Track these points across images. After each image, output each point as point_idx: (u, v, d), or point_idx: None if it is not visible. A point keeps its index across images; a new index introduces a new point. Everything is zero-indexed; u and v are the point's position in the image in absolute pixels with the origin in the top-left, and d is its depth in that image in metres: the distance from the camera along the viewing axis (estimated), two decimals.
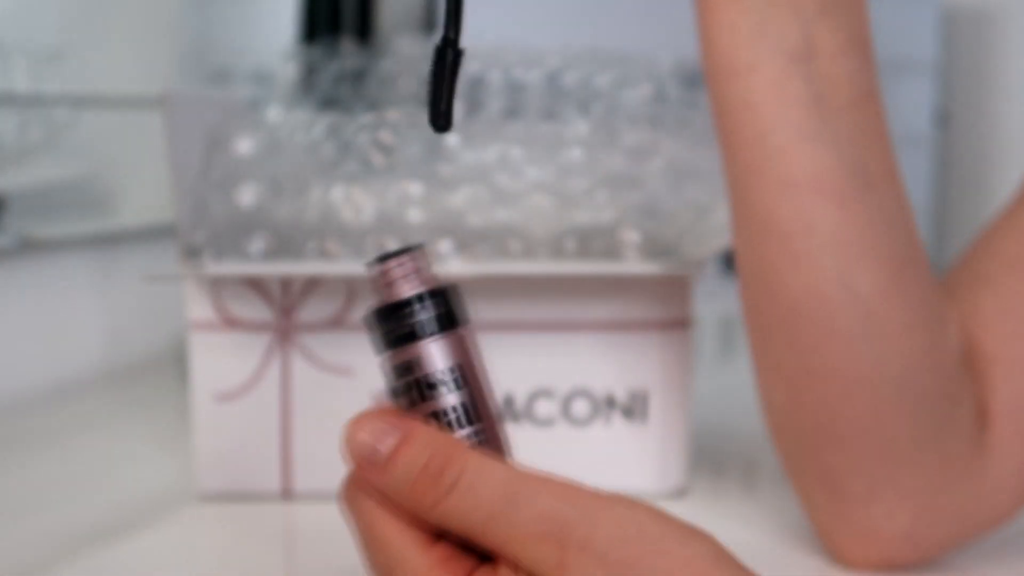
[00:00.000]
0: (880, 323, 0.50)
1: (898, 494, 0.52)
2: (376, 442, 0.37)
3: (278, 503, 0.64)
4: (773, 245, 0.50)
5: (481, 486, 0.36)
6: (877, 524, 0.52)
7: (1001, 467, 0.53)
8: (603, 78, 0.76)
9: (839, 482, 0.52)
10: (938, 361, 0.51)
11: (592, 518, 0.35)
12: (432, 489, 0.36)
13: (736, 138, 0.49)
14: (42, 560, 0.55)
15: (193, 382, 0.63)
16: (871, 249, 0.49)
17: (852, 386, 0.50)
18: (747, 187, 0.50)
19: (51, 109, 0.91)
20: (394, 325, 0.38)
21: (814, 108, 0.48)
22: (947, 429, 0.52)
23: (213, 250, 0.65)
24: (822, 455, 0.52)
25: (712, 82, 0.49)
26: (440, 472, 0.36)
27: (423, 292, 0.38)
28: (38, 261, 0.88)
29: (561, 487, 0.36)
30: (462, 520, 0.36)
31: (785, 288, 0.50)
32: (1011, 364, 0.53)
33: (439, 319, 0.38)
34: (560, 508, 0.35)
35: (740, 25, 0.47)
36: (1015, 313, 0.53)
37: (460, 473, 0.36)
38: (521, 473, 0.36)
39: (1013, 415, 0.53)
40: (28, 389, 0.87)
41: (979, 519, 0.54)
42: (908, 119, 1.43)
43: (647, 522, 0.35)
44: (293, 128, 0.69)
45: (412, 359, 0.38)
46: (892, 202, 0.50)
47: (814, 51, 0.47)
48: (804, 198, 0.48)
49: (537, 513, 0.35)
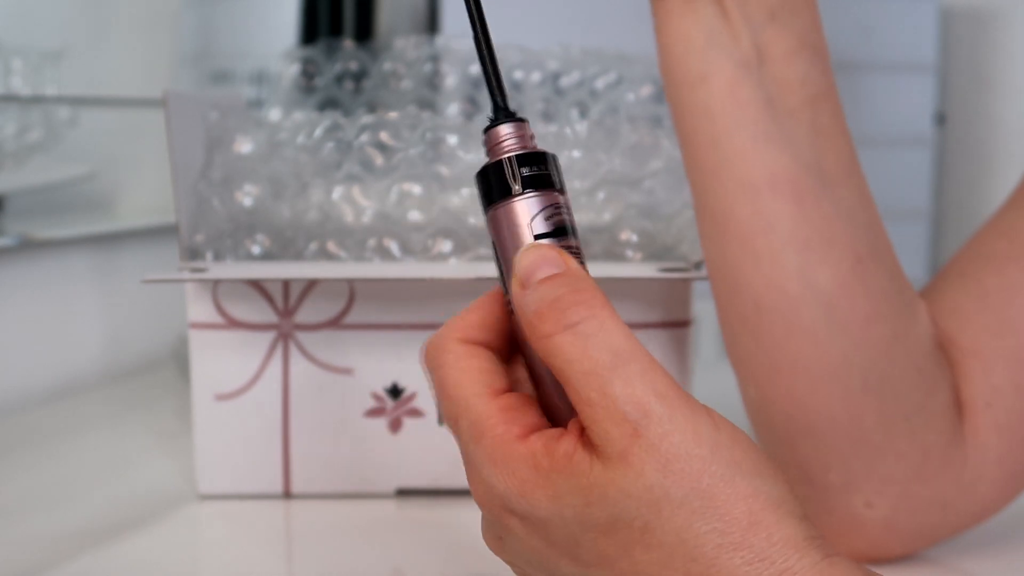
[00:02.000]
0: (843, 316, 0.51)
1: (875, 483, 0.53)
2: (537, 266, 0.38)
3: (278, 503, 0.64)
4: (734, 244, 0.51)
5: (597, 339, 0.36)
6: (857, 513, 0.53)
7: (981, 458, 0.53)
8: (603, 79, 0.76)
9: (816, 473, 0.53)
10: (905, 351, 0.52)
11: (673, 422, 0.35)
12: (553, 319, 0.37)
13: (694, 143, 0.51)
14: (42, 560, 0.55)
15: (193, 382, 0.63)
16: (830, 244, 0.50)
17: (818, 378, 0.51)
18: (707, 189, 0.51)
19: (51, 109, 0.91)
20: (536, 172, 0.40)
21: (767, 111, 0.49)
22: (921, 418, 0.52)
23: (213, 250, 0.65)
24: (797, 447, 0.53)
25: (669, 90, 0.51)
26: (568, 308, 0.36)
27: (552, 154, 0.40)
28: (38, 261, 0.88)
29: (663, 380, 0.36)
30: (564, 362, 0.36)
31: (748, 286, 0.51)
32: (989, 357, 0.54)
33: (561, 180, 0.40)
34: (651, 401, 0.35)
35: (693, 36, 0.49)
36: (993, 307, 0.54)
37: (585, 318, 0.36)
38: (637, 348, 0.36)
39: (991, 407, 0.53)
40: (28, 389, 0.87)
41: (962, 510, 0.54)
42: (907, 119, 1.43)
43: (726, 446, 0.36)
44: (293, 129, 0.69)
45: (556, 202, 0.40)
46: (851, 197, 0.51)
47: (764, 57, 0.49)
48: (762, 198, 0.50)
49: (630, 394, 0.35)
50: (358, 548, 0.58)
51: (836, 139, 0.51)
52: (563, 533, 0.37)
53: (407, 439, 0.64)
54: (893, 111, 1.42)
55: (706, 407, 0.37)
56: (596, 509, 0.36)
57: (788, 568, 0.35)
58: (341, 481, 0.64)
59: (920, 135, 1.44)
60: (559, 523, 0.37)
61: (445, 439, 0.64)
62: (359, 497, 0.64)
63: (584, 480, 0.36)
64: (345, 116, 0.69)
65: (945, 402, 0.53)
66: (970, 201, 1.56)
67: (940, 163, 1.52)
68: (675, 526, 0.35)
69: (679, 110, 0.51)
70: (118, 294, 0.96)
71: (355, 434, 0.64)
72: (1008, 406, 0.53)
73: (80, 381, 0.92)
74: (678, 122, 0.52)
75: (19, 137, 0.89)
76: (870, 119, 1.42)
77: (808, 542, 0.35)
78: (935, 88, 1.43)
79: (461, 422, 0.39)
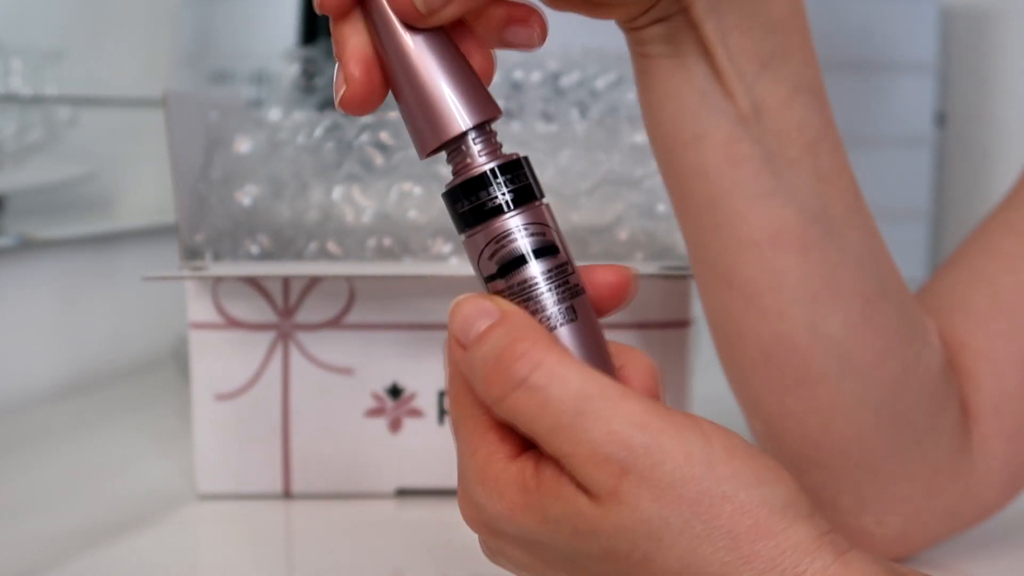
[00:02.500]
0: (854, 360, 0.49)
1: (887, 504, 0.52)
2: (471, 322, 0.36)
3: (278, 503, 0.64)
4: (738, 300, 0.49)
5: (551, 390, 0.34)
6: (869, 530, 0.53)
7: (987, 463, 0.53)
8: (603, 79, 0.76)
9: (825, 497, 0.52)
10: (917, 380, 0.51)
11: (660, 450, 0.34)
12: (500, 381, 0.35)
13: (689, 203, 0.48)
14: (42, 560, 0.55)
15: (193, 382, 0.63)
16: (838, 292, 0.48)
17: (831, 419, 0.50)
18: (706, 246, 0.49)
19: (51, 109, 0.91)
20: (475, 202, 0.37)
21: (766, 166, 0.47)
22: (931, 439, 0.52)
23: (213, 250, 0.65)
24: (807, 477, 0.52)
25: (659, 150, 0.48)
26: (512, 363, 0.34)
27: (496, 167, 0.37)
28: (38, 261, 0.88)
29: (637, 409, 0.34)
30: (527, 422, 0.34)
31: (755, 339, 0.49)
32: (999, 361, 0.53)
33: (517, 192, 0.37)
34: (630, 434, 0.34)
35: (684, 95, 0.46)
36: (1007, 309, 0.53)
37: (532, 369, 0.34)
38: (598, 383, 0.34)
39: (998, 412, 0.53)
40: (28, 389, 0.87)
41: (968, 514, 0.54)
42: (907, 119, 1.43)
43: (720, 460, 0.34)
44: (293, 129, 0.69)
45: (498, 233, 0.37)
46: (857, 239, 0.49)
47: (760, 110, 0.46)
48: (766, 254, 0.47)
49: (604, 434, 0.34)
50: (358, 548, 0.58)
51: (839, 180, 0.49)
52: (558, 555, 0.36)
53: (407, 439, 0.64)
54: (893, 111, 1.42)
55: (693, 419, 0.35)
56: (588, 541, 0.35)
57: (799, 574, 0.34)
58: (341, 481, 0.64)
59: (920, 135, 1.43)
60: (552, 546, 0.35)
61: (445, 439, 0.64)
62: (359, 497, 0.64)
63: (572, 509, 0.34)
64: (345, 116, 0.69)
65: (954, 419, 0.52)
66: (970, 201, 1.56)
67: (940, 163, 1.52)
68: (678, 554, 0.34)
69: (670, 169, 0.48)
70: (118, 294, 0.96)
71: (355, 434, 0.64)
72: (1017, 410, 0.53)
73: (80, 381, 0.92)
74: (669, 181, 0.49)
75: (19, 137, 0.89)
76: (870, 119, 1.41)
77: (819, 542, 0.34)
78: (935, 88, 1.43)
79: (459, 433, 0.37)
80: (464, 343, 0.36)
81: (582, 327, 0.37)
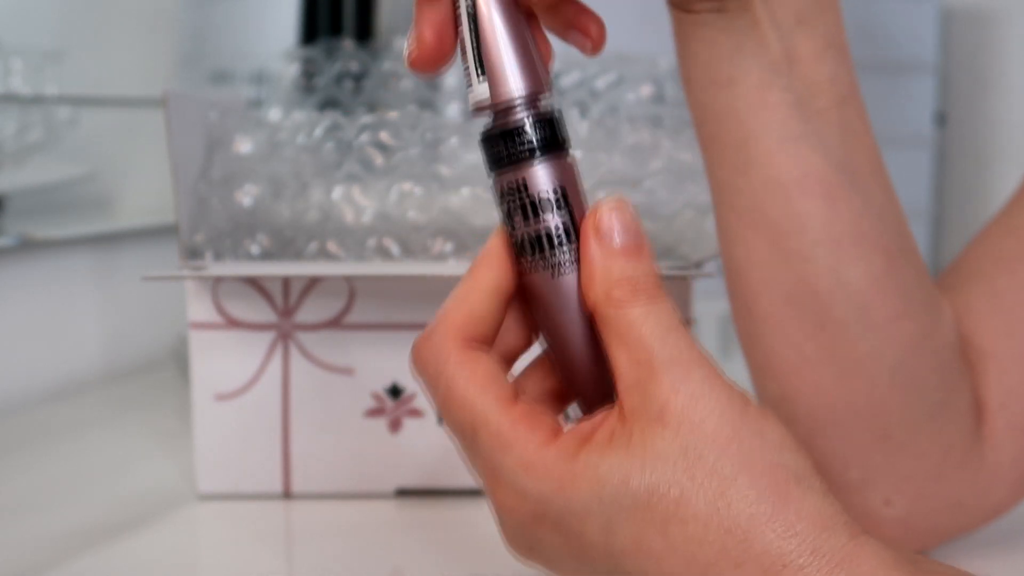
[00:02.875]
0: (874, 312, 0.50)
1: (895, 481, 0.52)
2: (619, 230, 0.39)
3: (278, 503, 0.64)
4: (763, 243, 0.50)
5: (656, 327, 0.37)
6: (875, 510, 0.53)
7: (997, 459, 0.53)
8: (603, 78, 0.76)
9: (836, 470, 0.53)
10: (933, 349, 0.52)
11: (710, 386, 0.37)
12: (632, 292, 0.38)
13: (720, 143, 0.50)
14: (42, 560, 0.55)
15: (193, 382, 0.63)
16: (863, 241, 0.50)
17: (846, 370, 0.51)
18: (734, 189, 0.50)
19: (51, 109, 0.91)
20: (506, 148, 0.39)
21: (796, 111, 0.49)
22: (944, 417, 0.52)
23: (213, 250, 0.65)
24: (817, 442, 0.52)
25: (692, 93, 0.50)
26: (643, 290, 0.38)
27: (532, 117, 0.39)
28: (38, 261, 0.88)
29: (704, 359, 0.37)
30: (627, 325, 0.38)
31: (778, 284, 0.50)
32: (1004, 359, 0.53)
33: (545, 142, 0.39)
34: (693, 368, 0.37)
35: (720, 42, 0.48)
36: (1008, 309, 0.54)
37: (654, 302, 0.38)
38: (689, 337, 0.38)
39: (1006, 409, 0.53)
40: (28, 389, 0.87)
41: (976, 511, 0.54)
42: (908, 119, 1.43)
43: (753, 416, 0.36)
44: (293, 129, 0.69)
45: (521, 180, 0.39)
46: (880, 195, 0.51)
47: (793, 59, 0.49)
48: (792, 196, 0.49)
49: (675, 356, 0.37)
50: (358, 548, 0.58)
51: (864, 138, 0.51)
52: (598, 523, 0.36)
53: (407, 439, 0.64)
54: (893, 111, 1.42)
55: (741, 389, 0.38)
56: (635, 480, 0.36)
57: (818, 548, 0.34)
58: (341, 481, 0.64)
59: (920, 135, 1.43)
60: (596, 510, 0.36)
61: (445, 439, 0.64)
62: (359, 497, 0.64)
63: (624, 452, 0.36)
64: (345, 116, 0.69)
65: (967, 402, 0.53)
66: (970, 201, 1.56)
67: (940, 163, 1.52)
68: (708, 494, 0.35)
69: (703, 112, 0.50)
70: (118, 294, 0.96)
71: (355, 434, 0.64)
72: (1022, 408, 0.53)
73: (80, 381, 0.92)
74: (701, 124, 0.51)
75: (19, 137, 0.89)
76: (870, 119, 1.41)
77: (834, 520, 0.35)
78: (935, 88, 1.43)
79: (480, 433, 0.38)
80: (604, 237, 0.39)
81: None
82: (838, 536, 0.35)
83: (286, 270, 0.62)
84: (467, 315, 0.40)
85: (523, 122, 0.39)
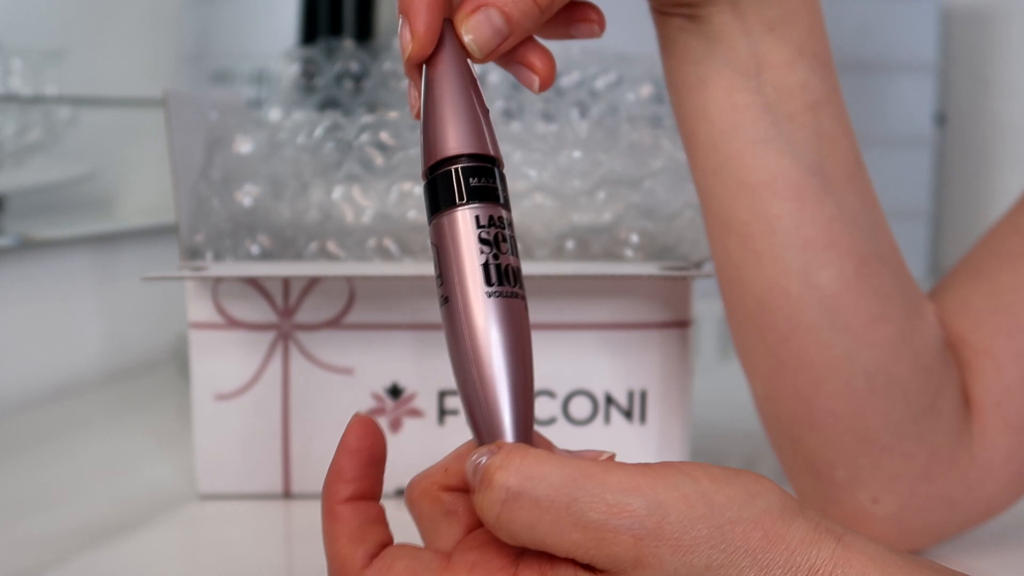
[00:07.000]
0: (845, 316, 0.51)
1: (882, 480, 0.53)
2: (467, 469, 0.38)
3: (278, 503, 0.64)
4: (737, 244, 0.51)
5: (538, 489, 0.35)
6: (864, 508, 0.53)
7: (988, 457, 0.54)
8: (603, 78, 0.76)
9: (823, 468, 0.53)
10: (913, 352, 0.52)
11: (660, 505, 0.35)
12: (490, 501, 0.36)
13: (694, 145, 0.51)
14: (42, 560, 0.55)
15: (193, 382, 0.63)
16: (833, 245, 0.50)
17: (822, 376, 0.51)
18: (709, 191, 0.52)
19: (51, 109, 0.91)
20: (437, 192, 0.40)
21: (765, 114, 0.50)
22: (928, 418, 0.52)
23: (213, 250, 0.65)
24: (804, 442, 0.53)
25: (671, 94, 0.52)
26: (492, 478, 0.36)
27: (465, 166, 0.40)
28: (38, 261, 0.88)
29: (622, 476, 0.35)
30: (527, 529, 0.35)
31: (751, 284, 0.51)
32: (1000, 357, 0.54)
33: (435, 203, 0.40)
34: (628, 501, 0.35)
35: (693, 46, 0.50)
36: (1005, 305, 0.54)
37: (510, 478, 0.35)
38: (576, 467, 0.35)
39: (1000, 406, 0.53)
40: (28, 389, 0.87)
41: (969, 508, 0.54)
42: (907, 119, 1.43)
43: (711, 492, 0.35)
44: (293, 129, 0.69)
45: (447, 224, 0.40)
46: (854, 200, 0.51)
47: (763, 65, 0.49)
48: (761, 197, 0.50)
49: (605, 511, 0.35)
50: None
51: (839, 142, 0.51)
52: None
53: (407, 439, 0.64)
54: (893, 111, 1.42)
55: (671, 465, 0.36)
56: None
57: (812, 567, 0.35)
58: None
59: (920, 135, 1.44)
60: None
61: (445, 439, 0.64)
62: None
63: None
64: (345, 116, 0.69)
65: (953, 402, 0.53)
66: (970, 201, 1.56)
67: (940, 163, 1.52)
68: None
69: (680, 112, 0.52)
70: (118, 294, 0.96)
71: None
72: (1019, 405, 0.53)
73: (80, 381, 0.92)
74: (680, 125, 0.52)
75: (19, 137, 0.89)
76: (870, 119, 1.41)
77: (818, 532, 0.36)
78: (935, 88, 1.43)
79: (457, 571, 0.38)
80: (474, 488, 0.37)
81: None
82: (827, 546, 0.36)
83: (286, 270, 0.62)
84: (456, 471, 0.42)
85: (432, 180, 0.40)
